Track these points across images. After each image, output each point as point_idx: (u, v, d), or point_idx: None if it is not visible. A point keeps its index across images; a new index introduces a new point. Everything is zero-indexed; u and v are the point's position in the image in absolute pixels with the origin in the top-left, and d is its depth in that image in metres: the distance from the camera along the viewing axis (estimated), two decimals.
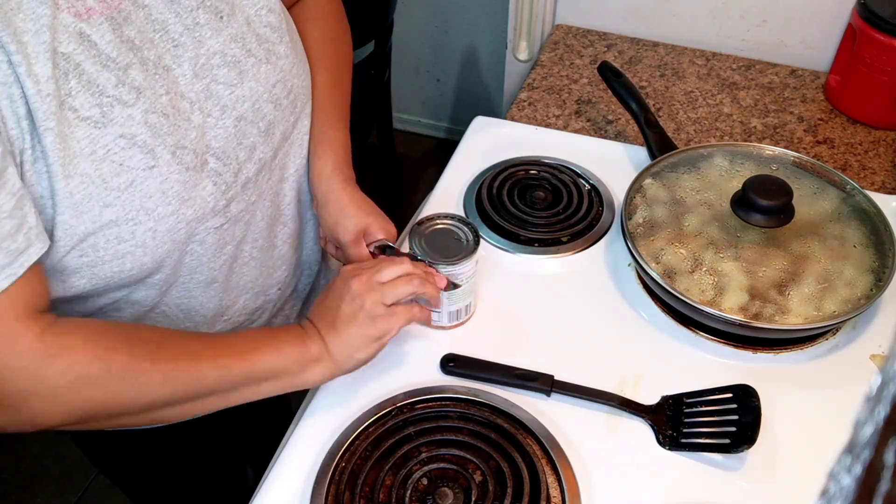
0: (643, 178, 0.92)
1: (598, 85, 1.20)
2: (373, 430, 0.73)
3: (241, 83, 0.71)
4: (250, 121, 0.73)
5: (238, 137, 0.72)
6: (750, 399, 0.72)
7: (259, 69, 0.73)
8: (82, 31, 0.60)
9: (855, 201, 0.89)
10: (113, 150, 0.62)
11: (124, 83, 0.63)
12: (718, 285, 0.81)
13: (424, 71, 2.41)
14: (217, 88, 0.70)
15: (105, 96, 0.62)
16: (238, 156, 0.72)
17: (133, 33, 0.64)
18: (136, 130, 0.63)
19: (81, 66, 0.60)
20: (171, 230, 0.68)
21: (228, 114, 0.71)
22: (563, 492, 0.69)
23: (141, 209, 0.64)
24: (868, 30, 1.06)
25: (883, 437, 0.20)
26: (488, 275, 0.89)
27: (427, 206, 0.98)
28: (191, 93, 0.68)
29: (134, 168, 0.63)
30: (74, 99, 0.60)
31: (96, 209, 0.62)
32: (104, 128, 0.61)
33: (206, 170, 0.69)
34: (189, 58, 0.68)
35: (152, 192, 0.65)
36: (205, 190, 0.69)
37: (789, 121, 1.14)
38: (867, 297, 0.79)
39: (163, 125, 0.65)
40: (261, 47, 0.73)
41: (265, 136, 0.75)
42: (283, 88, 0.76)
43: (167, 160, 0.66)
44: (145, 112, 0.64)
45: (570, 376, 0.78)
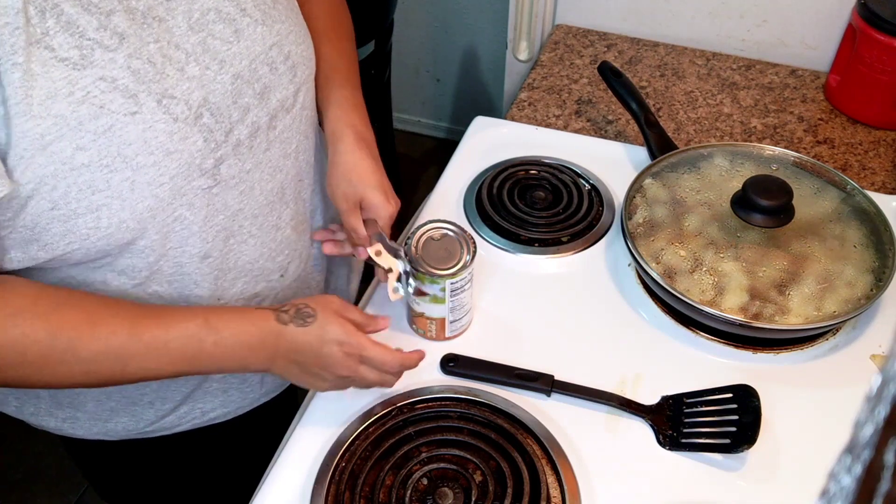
0: (643, 178, 0.92)
1: (598, 85, 1.20)
2: (373, 430, 0.73)
3: (238, 41, 0.70)
4: (246, 80, 0.72)
5: (233, 95, 0.71)
6: (750, 399, 0.72)
7: (255, 29, 0.72)
8: None
9: (855, 201, 0.89)
10: (92, 94, 0.60)
11: (106, 28, 0.61)
12: (718, 285, 0.81)
13: (424, 71, 2.41)
14: (214, 43, 0.69)
15: (85, 38, 0.60)
16: (231, 115, 0.71)
17: None
18: (118, 74, 0.61)
19: (60, 6, 0.58)
20: (151, 183, 0.65)
21: (226, 69, 0.70)
22: (563, 492, 0.69)
23: (118, 156, 0.62)
24: (868, 30, 1.06)
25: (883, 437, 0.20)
26: (488, 275, 0.89)
27: (427, 206, 0.98)
28: (186, 44, 0.67)
29: (114, 112, 0.61)
30: (52, 39, 0.58)
31: (68, 151, 0.60)
32: (83, 69, 0.60)
33: (198, 123, 0.68)
34: (182, 11, 0.67)
35: (132, 140, 0.62)
36: (193, 145, 0.67)
37: (789, 121, 1.14)
38: (867, 297, 0.79)
39: (148, 72, 0.63)
40: (256, 9, 0.72)
41: (260, 98, 0.73)
42: (279, 53, 0.74)
43: (151, 108, 0.63)
44: (128, 57, 0.62)
45: (570, 376, 0.78)
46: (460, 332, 0.83)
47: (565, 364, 0.79)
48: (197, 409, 0.83)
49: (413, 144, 2.55)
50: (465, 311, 0.81)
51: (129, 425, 0.82)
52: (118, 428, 0.82)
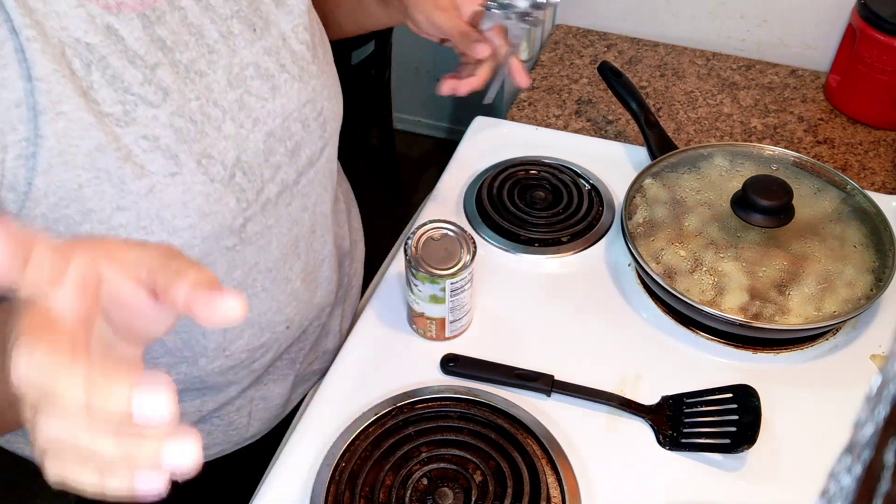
0: (643, 178, 0.92)
1: (598, 85, 1.20)
2: (373, 430, 0.73)
3: (273, 98, 0.70)
4: (279, 138, 0.71)
5: (266, 154, 0.70)
6: (750, 399, 0.72)
7: (291, 86, 0.71)
8: (110, 24, 0.58)
9: (855, 201, 0.89)
10: (134, 152, 0.59)
11: (151, 82, 0.60)
12: (718, 285, 0.81)
13: (424, 71, 2.41)
14: (250, 100, 0.68)
15: (129, 93, 0.59)
16: (263, 173, 0.70)
17: (165, 33, 0.62)
18: (161, 133, 0.60)
19: (107, 59, 0.57)
20: (184, 245, 0.64)
21: (260, 127, 0.69)
22: (563, 492, 0.69)
23: (156, 218, 0.61)
24: (868, 30, 1.06)
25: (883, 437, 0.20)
26: (488, 275, 0.89)
27: (427, 206, 0.98)
28: (224, 101, 0.66)
29: (155, 173, 0.60)
30: (97, 92, 0.57)
31: (108, 210, 0.59)
32: (126, 126, 0.59)
33: (231, 183, 0.67)
34: (223, 65, 0.66)
35: (171, 202, 0.61)
36: (226, 206, 0.66)
37: (789, 121, 1.14)
38: (867, 297, 0.79)
39: (189, 130, 0.62)
40: (295, 64, 0.71)
41: (291, 156, 0.73)
42: (312, 109, 0.74)
43: (192, 168, 0.62)
44: (171, 115, 0.61)
45: (570, 376, 0.78)
46: (460, 332, 0.83)
47: (565, 364, 0.79)
48: None
49: (413, 144, 2.55)
50: (465, 311, 0.81)
51: None
52: None
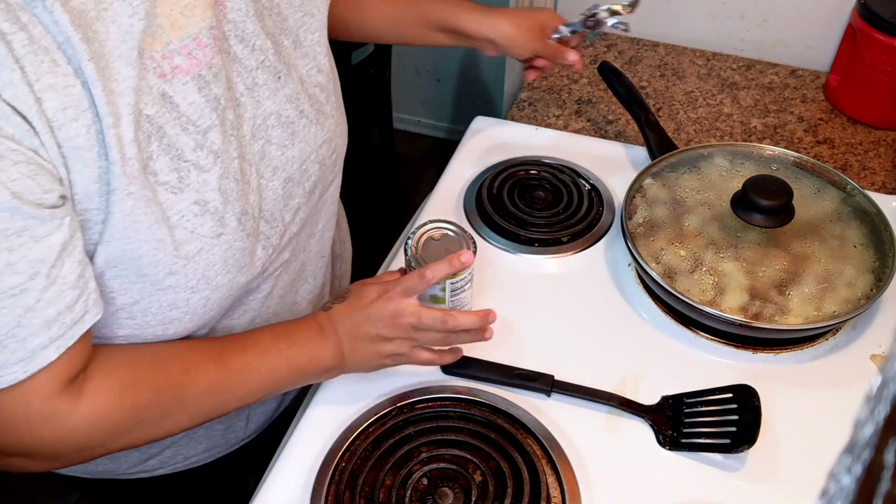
0: (643, 178, 0.92)
1: (598, 85, 1.20)
2: (373, 430, 0.73)
3: (293, 144, 0.70)
4: (297, 182, 0.71)
5: (285, 199, 0.70)
6: (750, 399, 0.72)
7: (309, 130, 0.71)
8: (165, 92, 0.58)
9: (855, 201, 0.89)
10: (186, 217, 0.60)
11: (202, 147, 0.60)
12: (718, 285, 0.81)
13: (424, 71, 2.41)
14: (270, 149, 0.68)
15: (183, 161, 0.59)
16: (284, 217, 0.71)
17: (220, 91, 0.61)
18: (210, 197, 0.61)
19: (163, 128, 0.58)
20: (222, 298, 0.66)
21: (278, 175, 0.69)
22: (563, 492, 0.69)
23: (202, 278, 0.63)
24: (868, 30, 1.06)
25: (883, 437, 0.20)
26: (488, 275, 0.89)
27: (427, 206, 0.98)
28: (249, 154, 0.66)
29: (204, 236, 0.61)
30: (155, 163, 0.57)
31: (160, 275, 0.60)
32: (180, 193, 0.59)
33: (259, 233, 0.68)
34: (248, 118, 0.66)
35: (216, 261, 0.63)
36: (258, 257, 0.68)
37: (789, 121, 1.14)
38: (867, 297, 0.79)
39: (233, 191, 0.63)
40: (312, 108, 0.71)
41: (308, 196, 0.73)
42: (328, 148, 0.74)
43: (234, 227, 0.64)
44: (220, 178, 0.62)
45: (570, 376, 0.78)
46: None
47: (565, 364, 0.79)
48: (180, 455, 0.83)
49: (413, 144, 2.55)
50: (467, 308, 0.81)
51: (110, 467, 0.82)
52: (98, 468, 0.83)
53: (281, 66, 0.68)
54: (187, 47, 0.59)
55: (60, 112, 0.51)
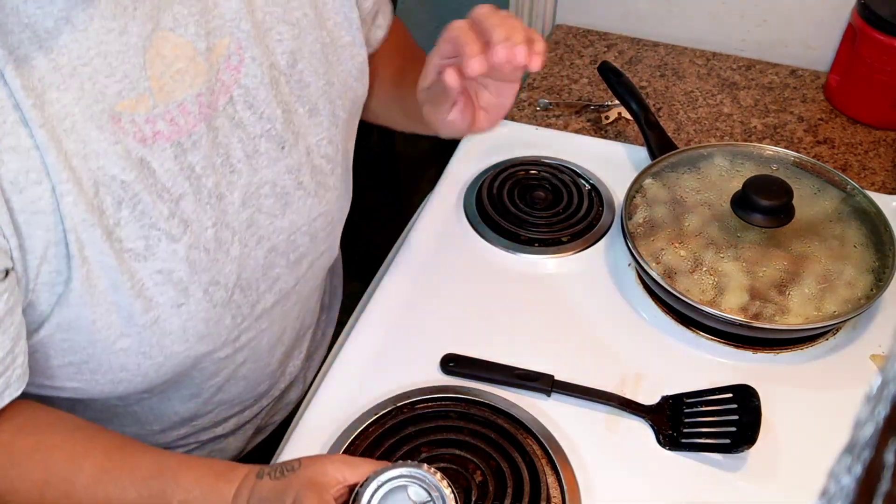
0: (643, 178, 0.92)
1: (598, 85, 1.20)
2: (373, 430, 0.73)
3: (283, 215, 0.67)
4: (281, 252, 0.69)
5: (265, 268, 0.68)
6: (750, 399, 0.72)
7: (305, 202, 0.69)
8: (144, 157, 0.56)
9: (855, 201, 0.89)
10: (147, 286, 0.58)
11: (175, 215, 0.58)
12: (718, 285, 0.81)
13: None
14: (259, 218, 0.66)
15: (155, 229, 0.57)
16: (259, 286, 0.68)
17: (197, 159, 0.60)
18: (176, 266, 0.59)
19: (139, 195, 0.56)
20: (178, 364, 0.64)
21: (263, 244, 0.67)
22: (563, 492, 0.69)
23: (156, 345, 0.61)
24: (868, 30, 1.06)
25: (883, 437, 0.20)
26: (488, 275, 0.89)
27: (427, 206, 0.98)
28: (235, 222, 0.64)
29: (163, 304, 0.59)
30: (122, 229, 0.56)
31: (112, 338, 0.59)
32: (144, 261, 0.58)
33: (230, 303, 0.66)
34: (241, 185, 0.63)
35: (174, 330, 0.61)
36: (224, 326, 0.66)
37: (789, 121, 1.14)
38: (867, 297, 0.79)
39: (202, 261, 0.61)
40: (313, 179, 0.69)
41: (292, 266, 0.71)
42: (324, 221, 0.72)
43: (198, 298, 0.62)
44: (189, 247, 0.60)
45: (570, 376, 0.78)
46: None
47: (565, 364, 0.79)
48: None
49: (413, 144, 2.54)
50: None
51: None
52: None
53: (287, 136, 0.66)
54: (171, 113, 0.57)
55: (23, 175, 0.50)
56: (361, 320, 0.85)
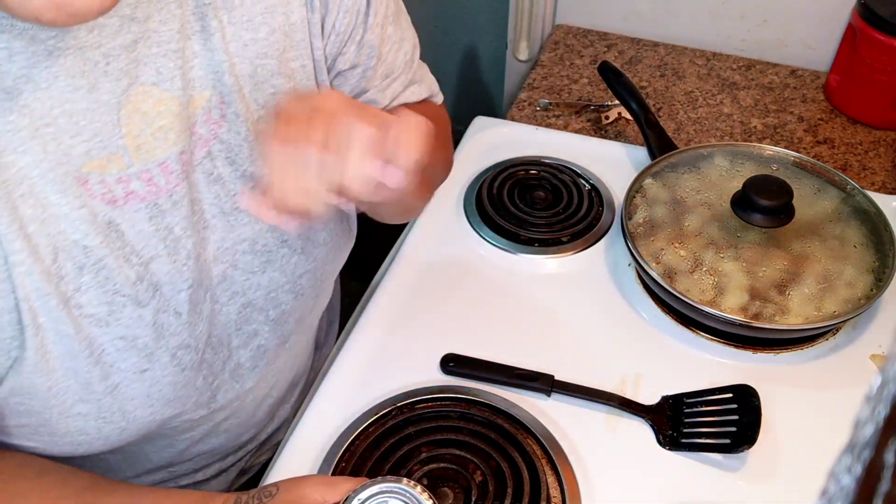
0: (643, 178, 0.92)
1: (598, 85, 1.20)
2: (373, 430, 0.73)
3: (263, 272, 0.63)
4: (259, 308, 0.64)
5: (238, 323, 0.64)
6: (750, 399, 0.72)
7: (289, 260, 0.64)
8: (112, 220, 0.53)
9: (855, 201, 0.89)
10: (108, 352, 0.55)
11: (143, 280, 0.55)
12: (718, 285, 0.81)
13: None
14: (234, 274, 0.62)
15: (120, 295, 0.54)
16: (231, 342, 0.64)
17: (177, 220, 0.56)
18: (141, 332, 0.56)
19: (104, 260, 0.53)
20: (141, 428, 0.60)
21: (236, 300, 0.63)
22: (563, 492, 0.69)
23: (118, 411, 0.57)
24: (868, 30, 1.06)
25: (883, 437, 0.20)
26: (488, 275, 0.89)
27: (427, 206, 0.98)
28: (207, 279, 0.60)
29: (125, 371, 0.56)
30: (83, 295, 0.53)
31: (69, 402, 0.55)
32: (106, 327, 0.54)
33: (200, 365, 0.62)
34: (215, 241, 0.60)
35: (137, 395, 0.58)
36: (194, 387, 0.62)
37: (789, 121, 1.14)
38: (867, 297, 0.79)
39: (171, 325, 0.58)
40: (300, 237, 0.64)
41: (273, 324, 0.66)
42: (311, 279, 0.67)
43: (164, 363, 0.58)
44: (157, 312, 0.57)
45: (570, 376, 0.78)
46: None
47: (565, 364, 0.79)
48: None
49: None
50: None
51: None
52: None
53: None
54: (149, 172, 0.54)
55: None
56: (361, 320, 0.85)
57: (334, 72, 0.64)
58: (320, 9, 0.60)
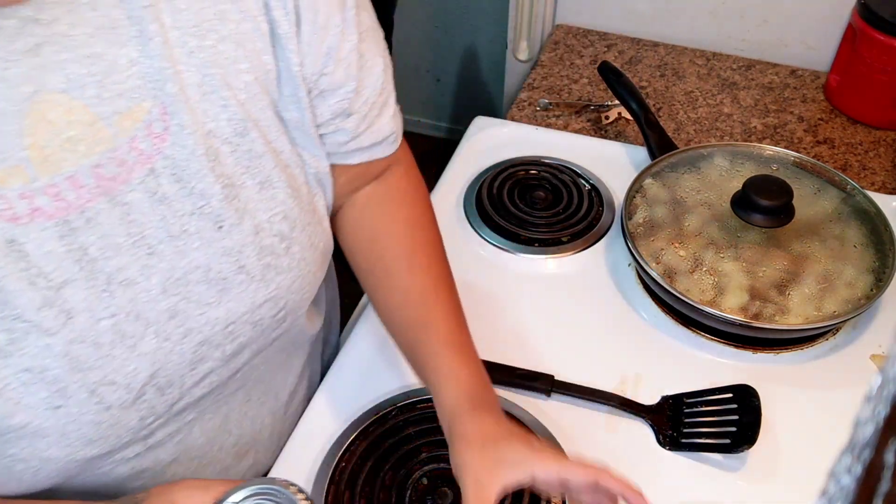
0: (643, 178, 0.92)
1: (598, 85, 1.20)
2: (373, 430, 0.73)
3: (219, 304, 0.57)
4: (216, 344, 0.59)
5: (192, 363, 0.58)
6: (750, 399, 0.72)
7: (247, 287, 0.58)
8: (14, 238, 0.48)
9: (855, 201, 0.89)
10: (11, 385, 0.50)
11: (52, 305, 0.50)
12: (718, 285, 0.81)
13: (424, 71, 2.41)
14: (186, 307, 0.56)
15: (21, 321, 0.49)
16: (183, 383, 0.59)
17: (92, 240, 0.51)
18: (50, 364, 0.51)
19: (1, 282, 0.48)
20: (62, 469, 0.55)
21: (192, 338, 0.57)
22: None
23: (28, 447, 0.52)
24: (868, 30, 1.06)
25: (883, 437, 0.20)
26: (489, 275, 0.89)
27: None
28: (151, 312, 0.55)
29: (33, 407, 0.51)
30: None
31: None
32: (6, 358, 0.49)
33: (137, 403, 0.56)
34: (163, 269, 0.54)
35: (49, 434, 0.52)
36: (124, 428, 0.56)
37: (789, 121, 1.14)
38: (867, 297, 0.79)
39: (89, 358, 0.53)
40: (259, 262, 0.58)
41: (228, 359, 0.61)
42: (272, 308, 0.61)
43: (81, 400, 0.53)
44: (70, 342, 0.51)
45: (570, 376, 0.78)
46: None
47: (565, 364, 0.79)
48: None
49: (413, 144, 2.54)
50: None
51: None
52: None
53: (228, 214, 0.56)
54: (56, 187, 0.49)
55: None
56: (361, 320, 0.85)
57: (317, 90, 0.60)
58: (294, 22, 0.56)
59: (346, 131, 0.65)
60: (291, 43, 0.56)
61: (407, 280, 0.68)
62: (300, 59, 0.58)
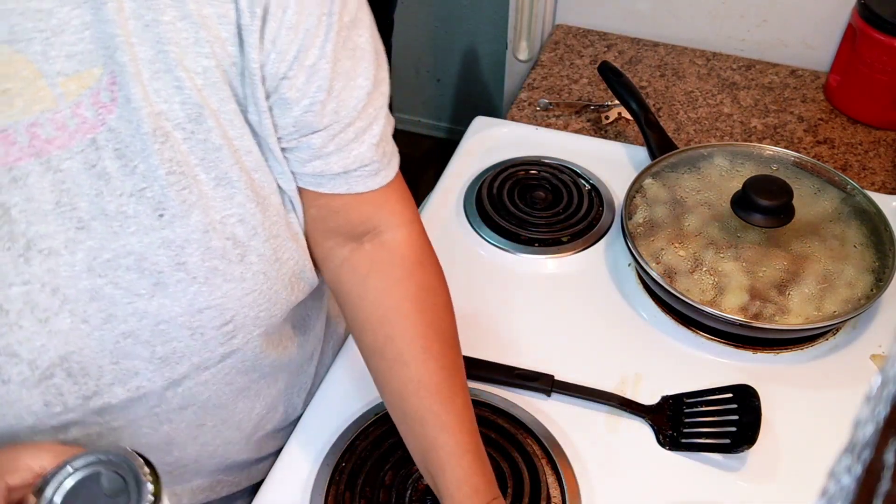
0: (643, 178, 0.92)
1: (598, 85, 1.20)
2: (373, 430, 0.73)
3: (151, 297, 0.54)
4: (143, 341, 0.55)
5: (114, 355, 0.55)
6: (750, 399, 0.72)
7: (186, 287, 0.55)
8: None
9: (855, 201, 0.89)
10: None
11: None
12: (718, 285, 0.81)
13: (424, 71, 2.41)
14: (112, 293, 0.53)
15: None
16: (102, 375, 0.55)
17: (15, 200, 0.49)
18: None
19: None
20: None
21: (113, 325, 0.54)
22: (563, 492, 0.69)
23: None
24: (868, 30, 1.06)
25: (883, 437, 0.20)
26: (489, 275, 0.89)
27: (427, 206, 0.98)
28: (70, 289, 0.52)
29: None
30: None
31: None
32: None
33: (42, 385, 0.53)
34: (91, 247, 0.52)
35: None
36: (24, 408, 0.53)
37: (789, 121, 1.14)
38: (867, 297, 0.79)
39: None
40: (204, 263, 0.55)
41: (160, 363, 0.57)
42: (215, 317, 0.57)
43: None
44: None
45: (570, 376, 0.78)
46: None
47: (565, 364, 0.79)
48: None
49: (413, 144, 2.55)
50: None
51: None
52: None
53: (172, 203, 0.52)
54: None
55: None
56: None
57: (277, 95, 0.56)
58: (260, 16, 0.53)
59: (310, 148, 0.59)
60: (252, 37, 0.53)
61: (421, 370, 0.62)
62: (261, 56, 0.54)
